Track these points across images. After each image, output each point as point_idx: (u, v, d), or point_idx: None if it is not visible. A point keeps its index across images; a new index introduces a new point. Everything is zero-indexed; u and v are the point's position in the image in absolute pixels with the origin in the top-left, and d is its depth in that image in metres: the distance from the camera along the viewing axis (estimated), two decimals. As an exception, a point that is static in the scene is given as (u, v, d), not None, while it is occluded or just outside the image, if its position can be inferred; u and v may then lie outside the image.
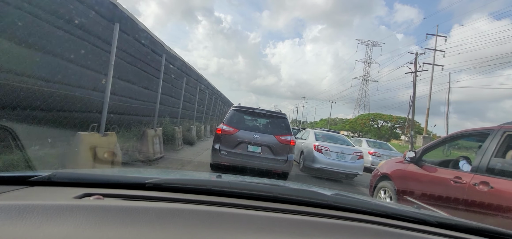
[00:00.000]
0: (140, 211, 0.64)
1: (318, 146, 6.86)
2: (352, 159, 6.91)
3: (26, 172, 0.90)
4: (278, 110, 5.67)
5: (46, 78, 3.48)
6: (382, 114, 40.25)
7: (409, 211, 0.98)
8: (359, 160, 6.98)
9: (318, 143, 7.01)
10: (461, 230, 0.90)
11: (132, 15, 5.68)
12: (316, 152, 6.78)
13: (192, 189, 0.89)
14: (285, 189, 1.08)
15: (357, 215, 0.87)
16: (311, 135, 7.73)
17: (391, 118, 39.25)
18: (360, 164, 6.97)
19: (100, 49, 4.55)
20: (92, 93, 4.46)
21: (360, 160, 7.01)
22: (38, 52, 3.33)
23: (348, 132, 47.29)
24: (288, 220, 0.74)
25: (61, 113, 3.78)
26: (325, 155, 6.75)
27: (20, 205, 0.59)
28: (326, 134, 8.08)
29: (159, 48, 7.49)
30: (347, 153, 6.91)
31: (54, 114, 3.66)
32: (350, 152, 6.97)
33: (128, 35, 5.43)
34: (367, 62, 62.04)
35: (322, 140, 7.40)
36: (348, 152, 6.93)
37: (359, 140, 11.78)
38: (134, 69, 6.00)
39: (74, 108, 4.13)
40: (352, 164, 6.85)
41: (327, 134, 8.20)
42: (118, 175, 1.11)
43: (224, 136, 4.98)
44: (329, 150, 6.83)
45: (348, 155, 6.90)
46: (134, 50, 5.84)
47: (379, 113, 40.60)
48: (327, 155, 6.75)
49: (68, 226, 0.54)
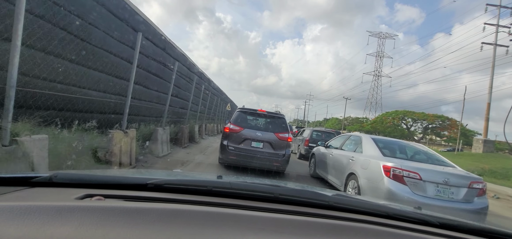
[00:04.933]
0: (141, 212, 0.64)
1: (395, 170, 3.72)
2: (468, 195, 3.71)
3: (28, 173, 0.92)
4: (277, 111, 6.57)
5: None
6: (413, 112, 36.28)
7: (410, 212, 0.97)
8: (481, 198, 3.81)
9: (393, 163, 3.81)
10: (463, 230, 0.90)
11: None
12: (393, 181, 3.70)
13: (193, 189, 0.89)
14: (286, 189, 1.06)
15: (358, 216, 0.86)
16: (368, 144, 4.61)
17: (426, 117, 35.37)
18: (483, 205, 3.78)
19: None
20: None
21: (482, 197, 3.84)
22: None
23: (360, 132, 44.16)
24: (289, 221, 0.74)
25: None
26: (414, 189, 3.63)
27: (22, 206, 0.60)
28: (391, 142, 4.98)
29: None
30: (456, 183, 3.70)
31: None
32: (462, 180, 3.76)
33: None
34: (379, 56, 58.04)
35: (395, 155, 4.37)
36: (458, 182, 3.72)
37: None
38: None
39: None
40: (469, 206, 3.68)
41: (392, 142, 5.10)
42: (119, 175, 1.11)
43: (231, 133, 5.73)
44: (420, 178, 3.65)
45: (459, 188, 3.70)
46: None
47: (410, 111, 36.85)
48: (417, 189, 3.64)
49: (70, 227, 0.55)
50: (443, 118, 33.74)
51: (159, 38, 7.19)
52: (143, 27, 5.94)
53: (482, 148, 17.88)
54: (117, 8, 4.92)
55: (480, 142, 18.43)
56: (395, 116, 37.33)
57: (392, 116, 37.47)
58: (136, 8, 5.79)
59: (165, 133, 6.80)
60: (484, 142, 18.27)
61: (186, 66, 10.06)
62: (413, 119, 36.26)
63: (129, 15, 5.42)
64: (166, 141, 6.74)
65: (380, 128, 37.28)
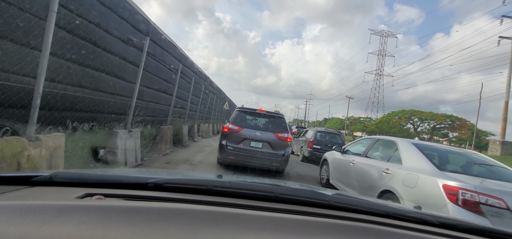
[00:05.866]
0: (142, 211, 0.63)
1: (466, 193, 2.54)
2: None
3: (28, 172, 0.90)
4: (277, 111, 6.48)
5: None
6: (421, 112, 33.97)
7: (410, 211, 0.96)
8: None
9: (460, 183, 2.61)
10: (463, 230, 0.89)
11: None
12: (462, 209, 2.54)
13: (193, 189, 0.88)
14: (286, 189, 1.05)
15: (358, 215, 0.86)
16: (409, 152, 3.48)
17: (435, 116, 33.11)
18: None
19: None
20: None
21: None
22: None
23: (362, 133, 42.36)
24: (289, 220, 0.73)
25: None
26: (497, 223, 2.39)
27: (22, 205, 0.59)
28: (437, 148, 3.71)
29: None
30: None
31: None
32: None
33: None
34: (381, 54, 57.11)
35: (453, 168, 3.17)
36: None
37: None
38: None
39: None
40: None
41: (437, 147, 3.79)
42: (120, 175, 1.11)
43: (230, 133, 5.63)
44: (507, 207, 2.42)
45: None
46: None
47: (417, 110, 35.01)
48: (502, 223, 2.41)
49: (70, 226, 0.55)
50: (453, 118, 31.89)
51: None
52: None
53: (500, 150, 16.35)
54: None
55: (497, 143, 16.77)
56: (401, 116, 35.34)
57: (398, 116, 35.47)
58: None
59: (133, 137, 4.87)
60: (502, 143, 16.63)
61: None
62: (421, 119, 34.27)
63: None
64: (133, 149, 4.88)
65: (386, 128, 35.38)
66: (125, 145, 4.57)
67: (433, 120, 33.27)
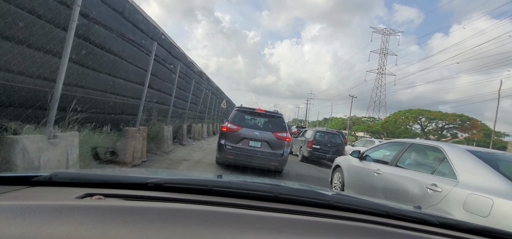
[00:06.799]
0: (141, 211, 0.63)
1: None
2: None
3: (28, 172, 0.90)
4: (276, 110, 6.47)
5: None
6: (430, 111, 31.86)
7: (410, 211, 0.96)
8: None
9: None
10: (463, 230, 0.89)
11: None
12: None
13: (193, 189, 0.88)
14: (286, 189, 1.04)
15: (358, 215, 0.86)
16: (467, 164, 2.68)
17: (445, 116, 30.55)
18: None
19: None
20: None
21: None
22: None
23: (364, 133, 40.54)
24: (289, 220, 0.73)
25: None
26: None
27: (22, 205, 0.59)
28: (500, 156, 2.94)
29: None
30: None
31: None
32: None
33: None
34: (382, 53, 55.64)
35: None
36: None
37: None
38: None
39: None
40: None
41: (498, 155, 3.04)
42: (119, 175, 1.10)
43: (229, 132, 5.57)
44: None
45: None
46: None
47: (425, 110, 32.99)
48: None
49: (70, 226, 0.54)
50: (464, 118, 30.12)
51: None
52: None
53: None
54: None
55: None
56: (408, 115, 33.41)
57: (405, 116, 33.55)
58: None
59: (60, 146, 3.00)
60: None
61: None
62: (429, 119, 32.40)
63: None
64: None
65: (392, 128, 33.59)
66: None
67: (443, 119, 31.45)
